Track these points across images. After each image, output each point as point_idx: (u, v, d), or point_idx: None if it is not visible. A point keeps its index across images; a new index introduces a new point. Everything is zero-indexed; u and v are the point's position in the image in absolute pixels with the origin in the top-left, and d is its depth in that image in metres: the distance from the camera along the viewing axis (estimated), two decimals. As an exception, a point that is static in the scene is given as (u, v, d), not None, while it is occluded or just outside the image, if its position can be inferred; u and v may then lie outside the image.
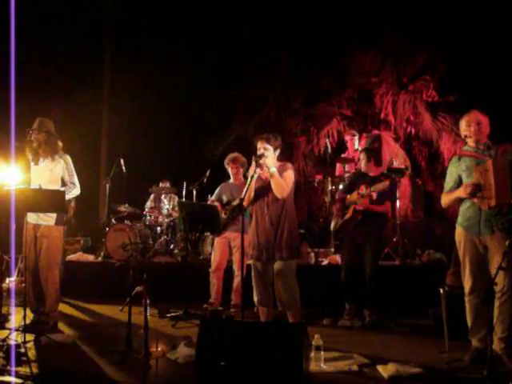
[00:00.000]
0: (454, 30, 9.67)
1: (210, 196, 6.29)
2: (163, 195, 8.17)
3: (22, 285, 5.51)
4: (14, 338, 4.13)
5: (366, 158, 5.38)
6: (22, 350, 3.82)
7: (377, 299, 5.11)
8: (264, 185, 4.31)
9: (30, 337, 4.13)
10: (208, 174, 7.31)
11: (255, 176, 4.21)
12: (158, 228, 8.09)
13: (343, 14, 10.56)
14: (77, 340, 4.54)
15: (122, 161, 7.77)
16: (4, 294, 5.46)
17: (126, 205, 8.11)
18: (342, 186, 6.75)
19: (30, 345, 4.05)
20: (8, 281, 6.24)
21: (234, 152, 6.10)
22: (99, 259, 7.30)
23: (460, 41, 9.59)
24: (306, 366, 3.32)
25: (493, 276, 3.34)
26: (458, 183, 3.90)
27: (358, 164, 6.29)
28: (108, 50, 12.67)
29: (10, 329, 4.38)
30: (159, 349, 4.05)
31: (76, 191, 4.94)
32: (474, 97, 8.06)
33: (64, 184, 4.90)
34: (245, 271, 4.50)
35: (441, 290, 4.29)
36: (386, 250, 6.49)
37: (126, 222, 7.92)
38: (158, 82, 11.88)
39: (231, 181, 6.03)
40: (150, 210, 8.27)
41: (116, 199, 8.11)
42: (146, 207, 8.42)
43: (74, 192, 4.92)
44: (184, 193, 7.81)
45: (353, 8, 10.48)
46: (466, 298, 3.85)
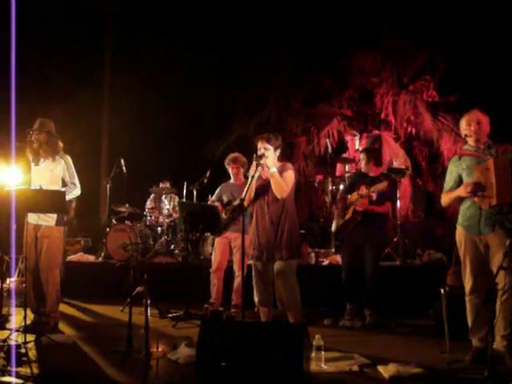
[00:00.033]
0: (454, 30, 9.65)
1: (210, 196, 6.29)
2: (163, 195, 8.18)
3: (23, 285, 5.49)
4: (15, 338, 4.13)
5: (365, 159, 5.38)
6: (23, 350, 3.81)
7: (377, 299, 5.11)
8: (264, 184, 4.31)
9: (30, 337, 4.12)
10: (208, 174, 7.28)
11: (256, 176, 4.21)
12: (159, 228, 8.08)
13: (343, 14, 10.54)
14: (77, 340, 4.54)
15: (122, 161, 7.74)
16: (4, 294, 5.44)
17: (127, 205, 8.11)
18: (342, 186, 6.75)
19: (30, 345, 4.05)
20: (8, 281, 6.24)
21: (234, 152, 6.09)
22: (100, 259, 7.30)
23: (460, 41, 9.58)
24: (307, 366, 3.32)
25: (494, 275, 3.34)
26: (458, 182, 3.90)
27: (359, 164, 6.30)
28: (108, 50, 12.65)
29: (10, 329, 4.37)
30: (160, 349, 4.05)
31: (76, 192, 4.94)
32: (474, 97, 8.04)
33: (64, 184, 4.89)
34: (245, 271, 4.51)
35: (441, 290, 4.29)
36: (386, 251, 6.49)
37: (126, 222, 7.93)
38: (158, 81, 11.85)
39: (232, 181, 6.03)
40: (151, 211, 8.25)
41: (116, 199, 8.09)
42: (146, 207, 8.42)
43: (74, 192, 4.92)
44: (184, 193, 7.79)
45: (353, 8, 10.46)
46: (467, 298, 3.85)
